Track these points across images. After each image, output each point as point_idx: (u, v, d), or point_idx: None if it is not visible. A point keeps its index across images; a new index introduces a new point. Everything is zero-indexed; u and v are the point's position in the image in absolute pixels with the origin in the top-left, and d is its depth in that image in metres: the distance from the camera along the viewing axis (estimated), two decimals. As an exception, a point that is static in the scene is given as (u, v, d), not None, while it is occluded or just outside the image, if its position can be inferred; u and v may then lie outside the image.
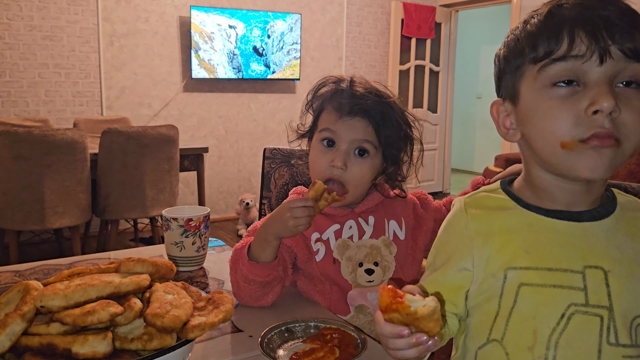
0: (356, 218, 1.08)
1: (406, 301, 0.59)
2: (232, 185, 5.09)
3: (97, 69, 4.32)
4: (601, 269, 0.69)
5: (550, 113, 0.68)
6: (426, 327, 0.60)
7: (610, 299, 0.68)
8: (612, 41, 0.64)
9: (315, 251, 1.06)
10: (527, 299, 0.70)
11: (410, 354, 0.63)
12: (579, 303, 0.68)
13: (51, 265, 1.23)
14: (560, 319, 0.68)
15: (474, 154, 7.90)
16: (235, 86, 4.95)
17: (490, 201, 0.78)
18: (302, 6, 5.18)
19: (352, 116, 1.02)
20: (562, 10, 0.68)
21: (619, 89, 0.66)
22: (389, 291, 0.60)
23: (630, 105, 0.65)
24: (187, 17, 4.57)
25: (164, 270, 0.85)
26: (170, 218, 1.18)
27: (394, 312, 0.60)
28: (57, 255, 3.61)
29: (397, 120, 1.05)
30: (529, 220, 0.73)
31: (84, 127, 3.85)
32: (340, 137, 1.03)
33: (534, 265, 0.70)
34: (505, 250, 0.72)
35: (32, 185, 2.93)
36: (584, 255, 0.70)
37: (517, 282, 0.71)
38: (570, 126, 0.66)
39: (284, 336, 0.85)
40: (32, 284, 0.75)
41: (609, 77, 0.65)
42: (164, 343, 0.70)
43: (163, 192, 3.36)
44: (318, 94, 1.09)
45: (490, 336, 0.73)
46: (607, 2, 0.67)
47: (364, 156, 1.04)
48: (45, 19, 4.08)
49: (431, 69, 6.08)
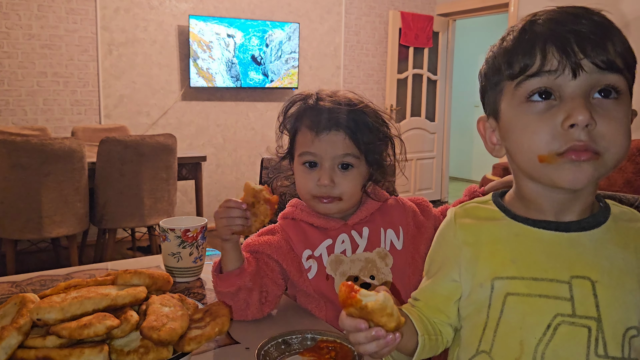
0: (349, 231, 1.07)
1: (359, 296, 0.62)
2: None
3: (96, 78, 4.33)
4: (588, 279, 0.69)
5: (528, 128, 0.68)
6: (380, 322, 0.62)
7: (599, 309, 0.68)
8: (583, 55, 0.65)
9: (308, 268, 1.05)
10: (513, 309, 0.70)
11: (371, 348, 0.63)
12: (565, 313, 0.68)
13: (48, 276, 1.23)
14: (546, 330, 0.68)
15: (472, 162, 7.91)
16: (233, 95, 4.96)
17: (480, 212, 0.79)
18: (300, 15, 5.20)
19: (327, 131, 1.02)
20: (535, 26, 0.69)
21: (596, 101, 0.66)
22: (347, 287, 0.62)
23: (607, 117, 0.66)
24: (185, 26, 4.59)
25: (161, 282, 0.85)
26: (168, 229, 1.18)
27: (350, 306, 0.62)
28: (54, 264, 3.61)
29: (372, 124, 1.05)
30: (516, 230, 0.74)
31: (82, 135, 3.85)
32: (321, 157, 1.03)
33: (520, 275, 0.70)
34: (492, 260, 0.73)
35: (30, 194, 2.93)
36: (570, 265, 0.70)
37: (503, 291, 0.71)
38: (547, 140, 0.67)
39: (281, 348, 0.84)
40: (29, 296, 0.75)
41: (584, 90, 0.66)
42: (161, 356, 0.70)
43: (161, 201, 3.36)
44: (288, 114, 1.09)
45: (479, 347, 0.73)
46: (580, 15, 0.67)
47: (348, 169, 1.04)
48: (44, 27, 4.09)
49: (429, 78, 6.10)
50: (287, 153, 1.12)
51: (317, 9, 5.31)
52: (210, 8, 4.73)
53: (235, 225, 0.93)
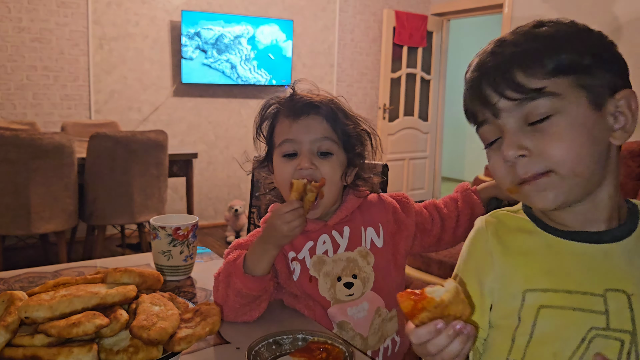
0: (330, 232, 1.06)
1: (429, 294, 0.59)
2: (221, 192, 5.07)
3: (86, 72, 4.29)
4: (624, 292, 0.68)
5: (493, 166, 0.74)
6: (458, 312, 0.59)
7: (634, 323, 0.67)
8: (500, 95, 0.69)
9: (292, 270, 1.05)
10: (547, 321, 0.70)
11: (455, 347, 0.61)
12: (599, 327, 0.68)
13: (36, 273, 1.22)
14: (580, 343, 0.68)
15: (465, 162, 7.94)
16: (226, 92, 4.94)
17: (512, 221, 0.79)
18: (294, 12, 5.19)
19: (305, 115, 1.02)
20: (471, 81, 0.73)
21: (534, 126, 0.68)
22: (408, 294, 0.59)
23: (548, 136, 0.67)
24: (178, 22, 4.56)
25: (151, 281, 0.84)
26: (158, 227, 1.17)
27: (422, 311, 0.59)
28: (42, 260, 3.58)
29: (348, 113, 1.06)
30: (548, 242, 0.74)
31: (72, 130, 3.82)
32: (300, 142, 1.02)
33: (553, 288, 0.70)
34: (524, 271, 0.73)
35: (18, 189, 2.90)
36: (605, 277, 0.69)
37: (536, 304, 0.70)
38: (504, 176, 0.72)
39: (272, 349, 0.84)
40: (17, 294, 0.74)
41: (516, 123, 0.69)
42: (150, 355, 0.70)
43: (151, 197, 3.34)
44: (265, 114, 1.09)
45: (509, 357, 0.73)
46: (492, 52, 0.71)
47: (327, 157, 1.03)
48: (34, 21, 4.04)
49: (422, 77, 6.11)
50: (266, 155, 1.11)
51: (311, 7, 5.29)
52: (204, 4, 4.70)
53: (299, 226, 0.94)
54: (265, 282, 0.96)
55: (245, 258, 0.97)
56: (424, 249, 1.17)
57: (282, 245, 0.97)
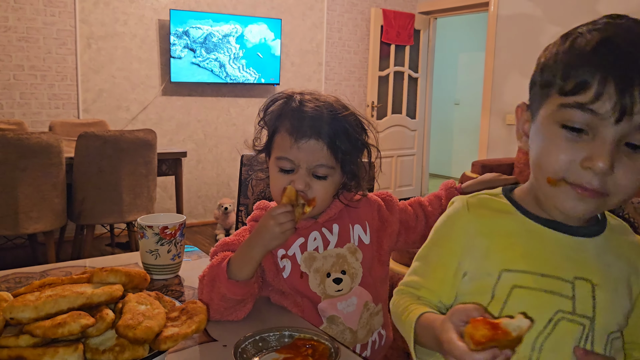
0: (320, 228, 1.08)
1: (504, 326, 0.56)
2: (210, 190, 5.06)
3: (74, 72, 4.26)
4: (589, 281, 0.73)
5: (550, 150, 0.70)
6: (517, 346, 0.58)
7: (595, 310, 0.72)
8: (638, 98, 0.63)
9: (282, 268, 1.06)
10: (518, 300, 0.73)
11: None
12: (566, 310, 0.72)
13: (23, 273, 1.22)
14: (547, 323, 0.72)
15: (452, 159, 7.98)
16: (214, 90, 4.93)
17: (493, 203, 0.81)
18: (282, 11, 5.18)
19: (307, 139, 1.00)
20: (603, 48, 0.65)
21: (625, 149, 0.66)
22: (483, 323, 0.57)
23: (629, 165, 0.66)
24: (166, 20, 4.54)
25: (138, 280, 0.84)
26: (146, 226, 1.18)
27: (492, 341, 0.56)
28: (30, 260, 3.55)
29: (352, 133, 1.04)
30: (529, 227, 0.77)
31: (60, 130, 3.79)
32: (297, 165, 1.02)
33: (530, 270, 0.74)
34: (504, 252, 0.76)
35: (6, 189, 2.88)
36: (575, 266, 0.74)
37: (510, 283, 0.74)
38: (562, 169, 0.69)
39: (258, 346, 0.85)
40: (2, 294, 0.74)
41: (619, 137, 0.65)
42: (137, 354, 0.70)
43: (140, 197, 3.33)
44: (269, 111, 1.08)
45: None
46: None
47: (322, 179, 1.03)
48: (21, 20, 4.01)
49: (410, 75, 6.13)
50: (264, 148, 1.12)
51: (300, 5, 5.29)
52: (192, 2, 4.69)
53: (290, 229, 0.94)
54: (250, 287, 0.96)
55: (229, 262, 0.97)
56: (409, 246, 1.19)
57: (270, 249, 0.96)
